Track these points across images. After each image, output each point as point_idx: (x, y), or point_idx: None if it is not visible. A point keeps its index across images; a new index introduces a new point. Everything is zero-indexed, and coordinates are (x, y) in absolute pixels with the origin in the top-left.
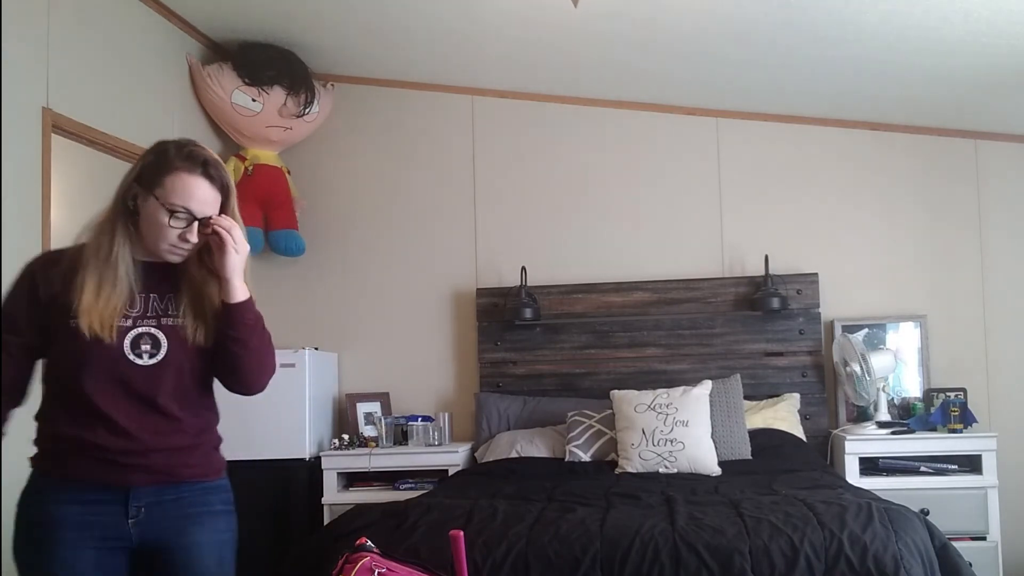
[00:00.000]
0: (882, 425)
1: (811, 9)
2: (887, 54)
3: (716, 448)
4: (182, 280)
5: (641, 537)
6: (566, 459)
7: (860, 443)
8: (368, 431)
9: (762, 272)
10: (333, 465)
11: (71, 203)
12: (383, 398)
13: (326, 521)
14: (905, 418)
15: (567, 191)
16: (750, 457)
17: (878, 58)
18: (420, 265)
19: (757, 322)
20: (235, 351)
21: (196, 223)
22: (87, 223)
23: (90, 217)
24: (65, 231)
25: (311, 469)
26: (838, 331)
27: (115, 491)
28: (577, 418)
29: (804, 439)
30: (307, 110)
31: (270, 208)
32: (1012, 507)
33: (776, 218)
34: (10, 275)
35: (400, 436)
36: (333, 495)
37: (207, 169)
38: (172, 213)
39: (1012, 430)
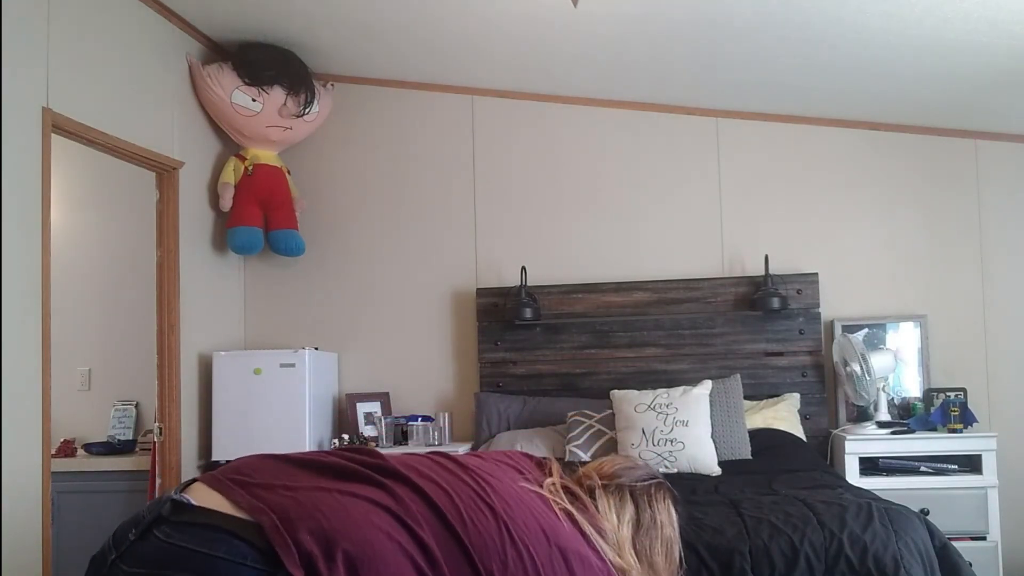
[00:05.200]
0: (882, 425)
1: (811, 9)
2: (887, 54)
3: (716, 448)
4: None
5: None
6: (566, 459)
7: (860, 443)
8: (368, 431)
9: (762, 272)
10: None
11: (71, 203)
12: (383, 398)
13: None
14: (905, 418)
15: (567, 191)
16: (750, 457)
17: (878, 58)
18: (420, 265)
19: (757, 322)
20: None
21: None
22: None
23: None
24: (65, 231)
25: None
26: (838, 331)
27: None
28: (577, 418)
29: (804, 439)
30: (307, 110)
31: (270, 208)
32: (1012, 507)
33: (776, 218)
34: (10, 275)
35: (400, 436)
36: None
37: None
38: None
39: (1012, 430)
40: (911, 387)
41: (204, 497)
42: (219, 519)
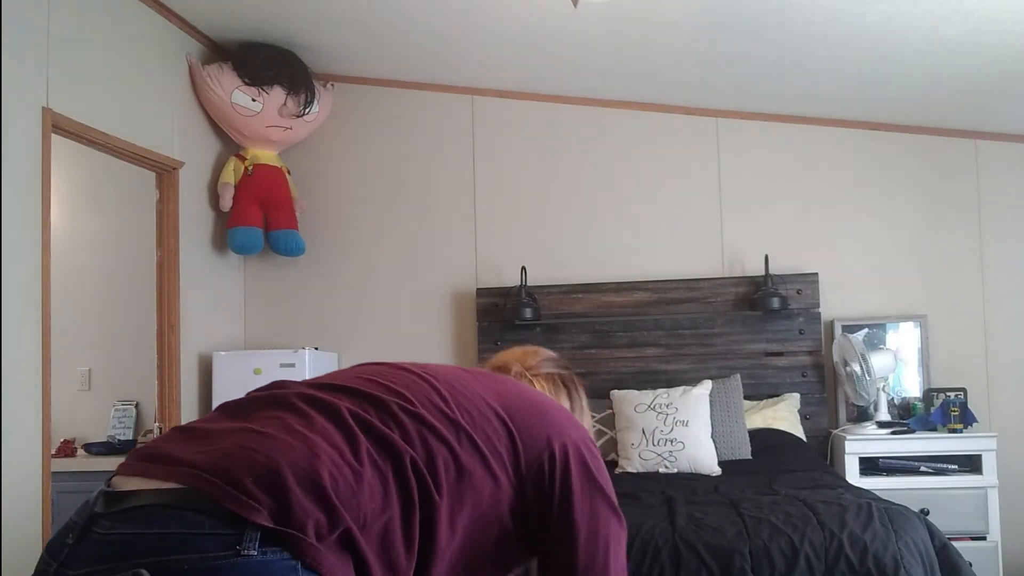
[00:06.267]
0: (882, 425)
1: (811, 9)
2: (887, 54)
3: (716, 448)
4: None
5: (641, 537)
6: None
7: (860, 443)
8: None
9: (762, 272)
10: None
11: (71, 203)
12: None
13: None
14: (905, 418)
15: (567, 191)
16: (750, 457)
17: (878, 58)
18: (420, 265)
19: (757, 322)
20: None
21: None
22: None
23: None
24: (65, 231)
25: None
26: (838, 331)
27: None
28: None
29: (804, 439)
30: (307, 110)
31: (270, 208)
32: (1012, 507)
33: (776, 218)
34: (10, 275)
35: None
36: None
37: None
38: None
39: (1012, 430)
40: (911, 387)
41: (128, 485)
42: (157, 496)
